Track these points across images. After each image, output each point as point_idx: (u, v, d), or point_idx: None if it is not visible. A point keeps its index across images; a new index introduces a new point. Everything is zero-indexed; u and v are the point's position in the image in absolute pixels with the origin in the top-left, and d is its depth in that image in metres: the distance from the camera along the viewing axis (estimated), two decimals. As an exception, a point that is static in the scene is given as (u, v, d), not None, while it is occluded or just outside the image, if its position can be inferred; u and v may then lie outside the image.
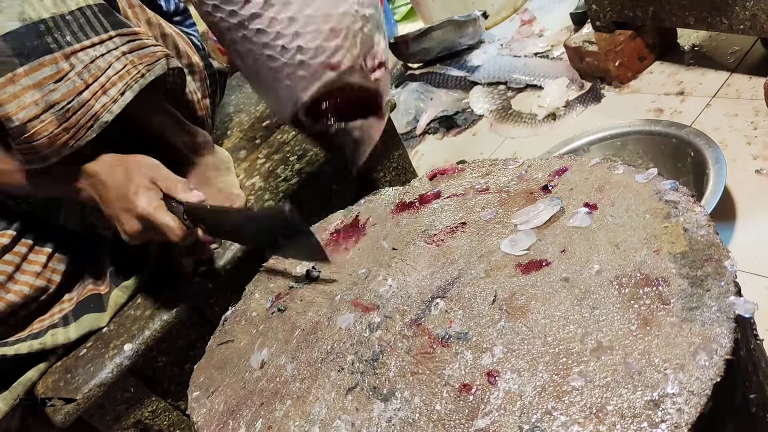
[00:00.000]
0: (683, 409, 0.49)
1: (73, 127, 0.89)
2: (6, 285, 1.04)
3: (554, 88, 1.95)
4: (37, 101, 0.86)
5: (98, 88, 0.90)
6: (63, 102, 0.87)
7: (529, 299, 0.63)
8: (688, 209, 0.64)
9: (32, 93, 0.86)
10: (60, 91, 0.87)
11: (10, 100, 0.85)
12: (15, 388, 1.07)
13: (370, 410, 0.62)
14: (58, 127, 0.88)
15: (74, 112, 0.88)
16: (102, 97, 0.90)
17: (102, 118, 0.91)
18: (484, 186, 0.82)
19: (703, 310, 0.55)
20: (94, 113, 0.90)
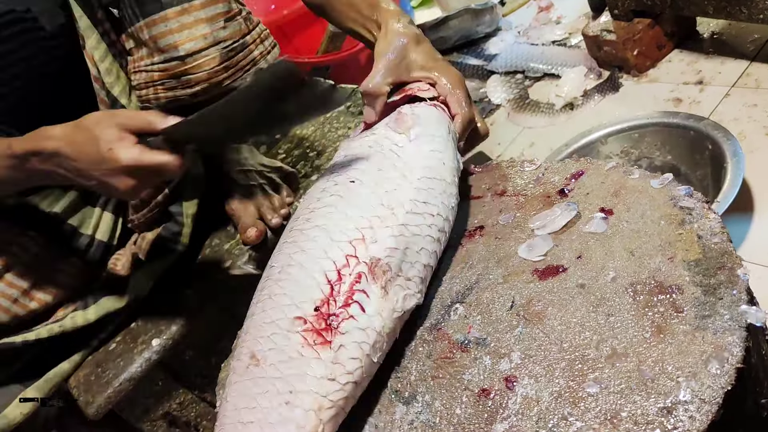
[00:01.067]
0: (695, 416, 0.51)
1: (233, 67, 0.94)
2: (30, 292, 1.07)
3: (572, 77, 1.94)
4: (206, 35, 0.91)
5: (257, 36, 0.97)
6: (229, 41, 0.93)
7: (546, 305, 0.65)
8: (703, 216, 0.66)
9: (203, 26, 0.91)
10: (228, 30, 0.93)
11: (181, 30, 0.91)
12: (51, 379, 1.10)
13: (393, 413, 0.64)
14: (220, 64, 0.93)
15: (236, 53, 0.94)
16: (260, 45, 0.97)
17: (259, 64, 0.97)
18: (502, 189, 0.84)
19: (716, 319, 0.56)
20: (253, 58, 0.96)
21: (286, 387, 0.62)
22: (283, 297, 0.68)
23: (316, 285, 0.67)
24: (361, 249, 0.69)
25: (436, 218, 0.74)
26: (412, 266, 0.70)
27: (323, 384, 0.62)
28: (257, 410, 0.62)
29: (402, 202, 0.73)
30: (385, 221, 0.71)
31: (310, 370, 0.63)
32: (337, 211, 0.74)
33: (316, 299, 0.66)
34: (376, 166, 0.78)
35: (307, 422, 0.61)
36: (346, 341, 0.64)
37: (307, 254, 0.71)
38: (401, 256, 0.69)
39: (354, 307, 0.65)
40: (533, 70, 2.12)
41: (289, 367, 0.63)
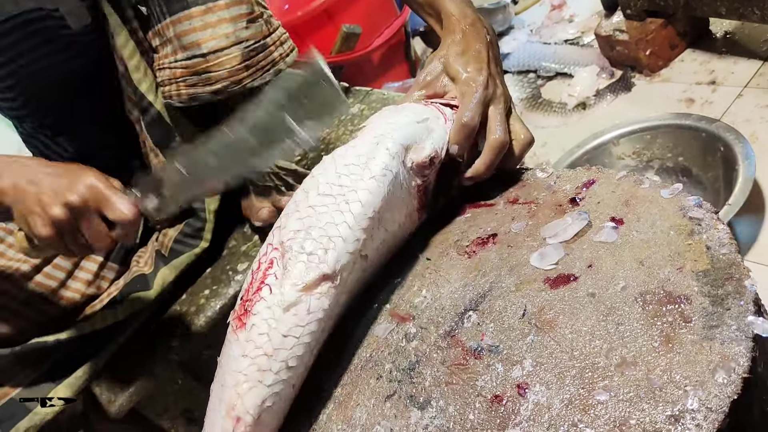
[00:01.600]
0: (702, 424, 0.53)
1: (253, 67, 0.97)
2: (59, 291, 1.10)
3: (584, 76, 1.96)
4: (228, 34, 0.94)
5: (277, 39, 1.00)
6: (251, 41, 0.96)
7: (557, 314, 0.66)
8: (712, 227, 0.67)
9: (226, 26, 0.94)
10: (250, 30, 0.96)
11: (205, 28, 0.94)
12: (80, 377, 1.12)
13: (408, 417, 0.66)
14: (241, 63, 0.96)
15: (257, 53, 0.97)
16: (279, 47, 1.00)
17: (278, 65, 1.00)
18: (514, 196, 0.85)
19: (723, 329, 0.58)
20: (273, 59, 0.99)
21: (221, 370, 0.73)
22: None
23: (247, 279, 0.76)
24: (276, 235, 0.76)
25: (348, 194, 0.76)
26: (314, 241, 0.74)
27: (239, 361, 0.70)
28: (210, 398, 0.73)
29: (318, 184, 0.78)
30: (298, 205, 0.77)
31: (232, 351, 0.72)
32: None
33: (244, 288, 0.75)
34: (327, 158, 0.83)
35: (229, 398, 0.69)
36: (256, 320, 0.71)
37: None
38: (304, 235, 0.74)
39: (264, 290, 0.72)
40: (546, 69, 2.13)
41: (223, 353, 0.74)
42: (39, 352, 1.08)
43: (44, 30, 1.01)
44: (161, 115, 1.06)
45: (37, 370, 1.09)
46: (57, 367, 1.10)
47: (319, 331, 0.73)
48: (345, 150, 0.82)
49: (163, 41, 1.00)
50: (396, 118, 0.84)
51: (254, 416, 0.68)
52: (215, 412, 0.70)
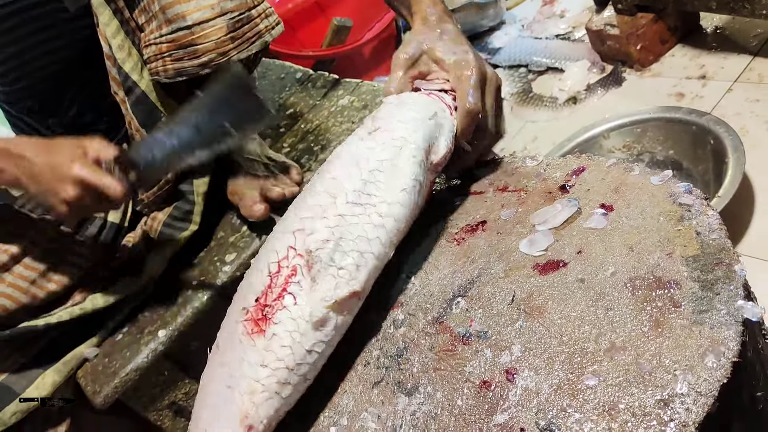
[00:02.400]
0: (691, 408, 0.52)
1: (239, 39, 0.96)
2: (48, 274, 1.09)
3: (575, 71, 1.96)
4: (213, 6, 0.94)
5: (262, 11, 0.99)
6: (236, 12, 0.95)
7: (546, 299, 0.66)
8: (701, 212, 0.67)
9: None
10: (235, 2, 0.95)
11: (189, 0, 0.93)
12: (69, 362, 1.11)
13: (395, 404, 0.66)
14: (227, 34, 0.95)
15: (243, 24, 0.96)
16: (265, 20, 0.99)
17: (264, 37, 0.99)
18: (504, 184, 0.85)
19: (713, 314, 0.57)
20: (258, 31, 0.98)
21: (229, 371, 0.70)
22: (240, 288, 0.76)
23: (260, 277, 0.73)
24: (300, 240, 0.73)
25: (380, 206, 0.75)
26: (346, 255, 0.72)
27: (257, 370, 0.68)
28: (211, 394, 0.71)
29: (346, 191, 0.76)
30: (325, 211, 0.74)
31: (247, 356, 0.69)
32: (298, 202, 0.80)
33: (258, 291, 0.72)
34: (342, 157, 0.81)
35: (242, 405, 0.67)
36: (278, 330, 0.69)
37: (264, 247, 0.78)
38: (334, 246, 0.72)
39: (287, 298, 0.70)
40: (537, 63, 2.13)
41: (233, 354, 0.70)
42: (28, 336, 1.07)
43: (43, 15, 1.00)
44: (146, 95, 1.05)
45: (26, 355, 1.08)
46: (45, 352, 1.10)
47: (338, 342, 0.72)
48: (364, 152, 0.79)
49: (148, 17, 0.99)
50: (407, 115, 0.82)
51: (267, 426, 0.68)
52: (221, 412, 0.68)
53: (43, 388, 1.07)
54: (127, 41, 1.03)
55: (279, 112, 1.54)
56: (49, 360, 1.09)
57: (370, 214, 0.74)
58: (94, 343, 1.15)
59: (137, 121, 1.07)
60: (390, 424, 0.64)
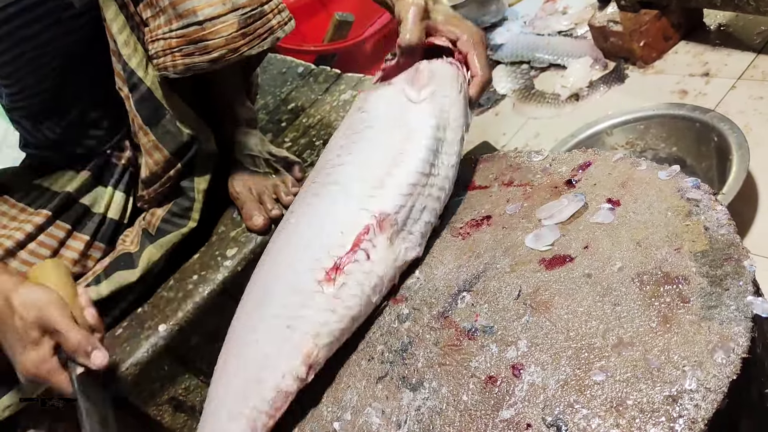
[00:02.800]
0: (700, 405, 0.52)
1: (251, 35, 0.95)
2: None
3: (577, 67, 1.94)
4: (225, 1, 0.92)
5: (275, 6, 0.97)
6: (248, 8, 0.94)
7: (553, 294, 0.65)
8: (710, 208, 0.66)
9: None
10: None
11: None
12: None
13: (400, 399, 0.65)
14: (238, 30, 0.93)
15: (255, 20, 0.95)
16: (277, 15, 0.98)
17: (276, 33, 0.98)
18: (509, 179, 0.84)
19: (722, 309, 0.57)
20: (271, 27, 0.97)
21: (290, 313, 0.73)
22: (299, 239, 0.80)
23: (329, 232, 0.78)
24: (373, 203, 0.77)
25: (437, 178, 0.81)
26: (415, 222, 0.79)
27: (323, 314, 0.72)
28: (261, 331, 0.74)
29: (413, 162, 0.80)
30: (396, 179, 0.79)
31: (313, 302, 0.73)
32: (355, 170, 0.83)
33: (327, 244, 0.76)
34: (389, 123, 0.85)
35: (305, 345, 0.70)
36: (348, 280, 0.73)
37: (325, 206, 0.82)
38: (407, 212, 0.78)
39: (360, 253, 0.75)
40: (539, 60, 2.12)
41: (295, 298, 0.74)
42: None
43: (47, 14, 0.99)
44: (151, 92, 1.04)
45: None
46: None
47: None
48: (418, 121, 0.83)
49: (155, 12, 0.98)
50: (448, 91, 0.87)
51: (321, 367, 0.72)
52: (279, 350, 0.72)
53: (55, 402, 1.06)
54: (133, 37, 1.01)
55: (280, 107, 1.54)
56: None
57: (432, 185, 0.81)
58: None
59: (141, 118, 1.06)
60: (394, 420, 0.64)
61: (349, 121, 0.91)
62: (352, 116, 0.92)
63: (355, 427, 0.66)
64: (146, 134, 1.07)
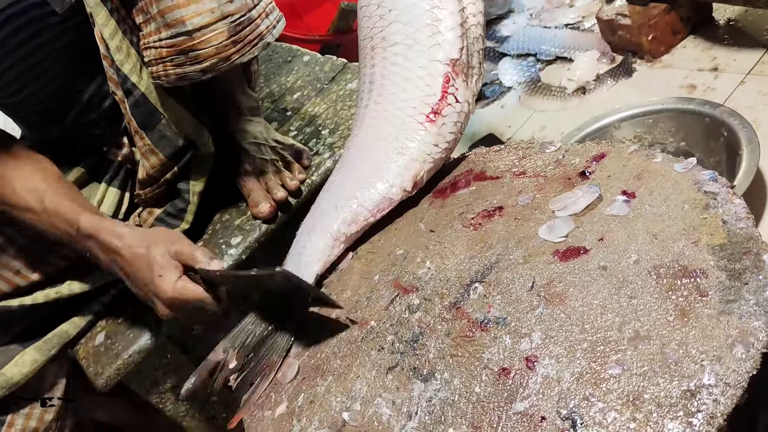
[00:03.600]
0: (719, 400, 0.51)
1: (241, 42, 0.94)
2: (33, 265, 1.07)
3: (584, 60, 1.93)
4: (213, 10, 0.91)
5: (262, 11, 0.97)
6: (236, 15, 0.92)
7: (567, 286, 0.64)
8: (728, 201, 0.65)
9: (210, 1, 0.91)
10: (235, 5, 0.92)
11: (187, 4, 0.91)
12: (50, 340, 1.09)
13: (411, 390, 0.64)
14: (228, 38, 0.92)
15: (244, 27, 0.94)
16: (265, 19, 0.97)
17: (265, 38, 0.97)
18: (521, 170, 0.83)
19: (741, 303, 0.56)
20: (260, 32, 0.96)
21: (399, 143, 0.88)
22: (392, 96, 0.92)
23: (416, 87, 0.89)
24: (440, 53, 0.89)
25: (471, 8, 0.93)
26: (473, 56, 0.92)
27: (428, 146, 0.88)
28: (374, 150, 0.90)
29: (451, 2, 0.90)
30: (446, 22, 0.90)
31: (419, 136, 0.88)
32: (406, 24, 0.92)
33: (419, 96, 0.89)
34: None
35: (413, 166, 0.87)
36: (446, 121, 0.89)
37: (400, 66, 0.92)
38: (467, 50, 0.90)
39: (449, 98, 0.89)
40: (545, 52, 2.11)
41: (402, 133, 0.89)
42: (5, 318, 1.05)
43: (29, 23, 0.96)
44: (145, 97, 1.02)
45: (6, 335, 1.06)
46: (28, 332, 1.08)
47: None
48: None
49: (146, 18, 0.96)
50: None
51: (421, 185, 0.89)
52: (389, 168, 0.87)
53: (22, 365, 1.05)
54: (125, 41, 0.99)
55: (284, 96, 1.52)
56: (31, 338, 1.08)
57: (476, 24, 0.93)
58: (76, 323, 1.12)
59: (136, 122, 1.05)
60: (405, 410, 0.63)
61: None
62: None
63: (364, 417, 0.65)
64: (142, 138, 1.06)
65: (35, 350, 1.08)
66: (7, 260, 1.05)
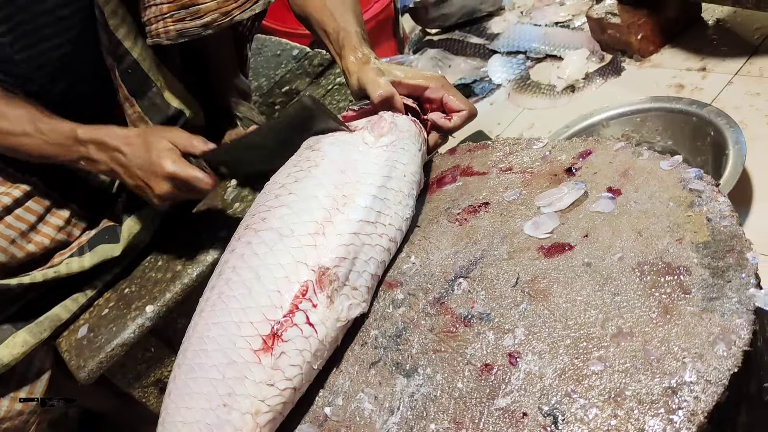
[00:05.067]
0: (700, 397, 0.51)
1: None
2: (28, 234, 1.07)
3: (574, 59, 1.93)
4: None
5: None
6: None
7: (551, 283, 0.64)
8: (712, 199, 0.65)
9: None
10: None
11: None
12: (41, 323, 1.09)
13: (393, 385, 0.64)
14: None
15: None
16: None
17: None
18: (508, 165, 0.83)
19: (724, 301, 0.56)
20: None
21: (226, 389, 0.65)
22: (232, 299, 0.70)
23: (264, 292, 0.69)
24: (311, 256, 0.70)
25: (388, 228, 0.75)
26: (359, 276, 0.71)
27: (262, 389, 0.64)
28: (196, 411, 0.66)
29: (356, 209, 0.74)
30: (337, 227, 0.73)
31: (250, 374, 0.65)
32: (293, 213, 0.75)
33: (263, 306, 0.68)
34: (339, 167, 0.78)
35: (244, 425, 0.64)
36: (287, 348, 0.66)
37: (259, 258, 0.72)
38: (349, 265, 0.71)
39: (299, 316, 0.67)
40: (535, 50, 2.11)
41: (230, 369, 0.66)
42: (2, 297, 1.04)
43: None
44: (138, 63, 1.02)
45: (1, 315, 1.06)
46: (21, 313, 1.07)
47: None
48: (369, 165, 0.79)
49: None
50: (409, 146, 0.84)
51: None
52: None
53: (13, 347, 1.05)
54: (122, 7, 0.99)
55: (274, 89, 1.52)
56: (24, 320, 1.07)
57: (381, 235, 0.74)
58: (68, 306, 1.12)
59: (126, 89, 1.04)
60: (387, 406, 0.63)
61: (295, 159, 0.84)
62: (299, 154, 0.85)
63: (346, 412, 0.64)
64: (132, 105, 1.05)
65: (27, 332, 1.07)
66: (2, 229, 1.05)
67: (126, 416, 1.46)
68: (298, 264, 0.70)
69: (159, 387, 1.21)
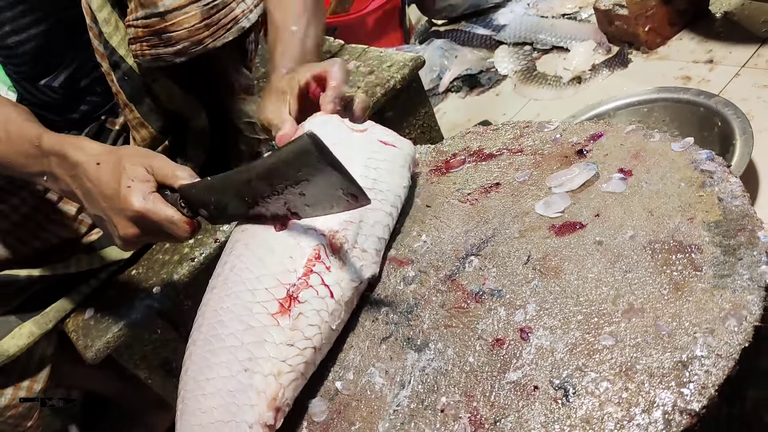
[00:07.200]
0: (711, 371, 0.52)
1: (214, 25, 0.92)
2: (35, 230, 1.07)
3: (581, 50, 1.93)
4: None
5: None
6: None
7: (563, 260, 0.65)
8: (724, 179, 0.65)
9: None
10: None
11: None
12: (47, 314, 1.10)
13: (404, 359, 0.64)
14: (201, 21, 0.91)
15: (218, 11, 0.92)
16: (241, 3, 0.94)
17: (240, 22, 0.94)
18: (519, 147, 0.83)
19: (735, 278, 0.56)
20: (235, 16, 0.93)
21: (245, 354, 0.64)
22: (245, 271, 0.70)
23: (277, 260, 0.69)
24: (319, 221, 0.70)
25: (386, 193, 0.76)
26: (367, 238, 0.72)
27: (282, 350, 0.64)
28: (216, 380, 0.65)
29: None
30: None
31: (269, 337, 0.65)
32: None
33: (277, 272, 0.68)
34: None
35: (267, 387, 0.63)
36: (304, 309, 0.66)
37: (270, 232, 0.72)
38: (356, 228, 0.71)
39: (314, 278, 0.67)
40: (542, 42, 2.11)
41: (248, 335, 0.65)
42: (9, 288, 1.05)
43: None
44: (133, 70, 1.02)
45: (7, 306, 1.06)
46: (27, 304, 1.08)
47: None
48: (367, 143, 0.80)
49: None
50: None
51: (290, 406, 0.64)
52: (240, 397, 0.63)
53: (19, 337, 1.06)
54: (114, 14, 0.99)
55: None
56: (30, 312, 1.08)
57: (381, 200, 0.75)
58: (74, 298, 1.13)
59: (125, 95, 1.04)
60: (398, 380, 0.63)
61: None
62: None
63: (357, 386, 0.65)
64: (131, 111, 1.06)
65: (33, 324, 1.08)
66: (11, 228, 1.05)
67: (130, 400, 1.46)
68: (308, 230, 0.70)
69: (165, 369, 1.22)
